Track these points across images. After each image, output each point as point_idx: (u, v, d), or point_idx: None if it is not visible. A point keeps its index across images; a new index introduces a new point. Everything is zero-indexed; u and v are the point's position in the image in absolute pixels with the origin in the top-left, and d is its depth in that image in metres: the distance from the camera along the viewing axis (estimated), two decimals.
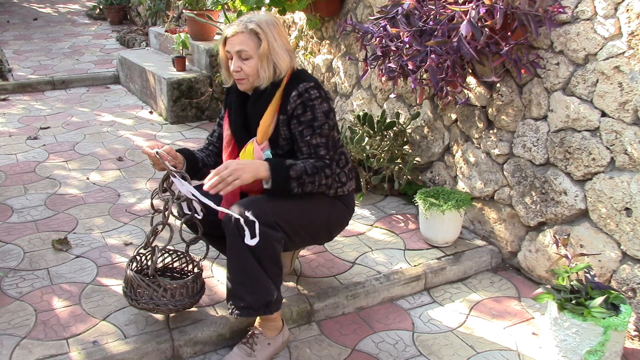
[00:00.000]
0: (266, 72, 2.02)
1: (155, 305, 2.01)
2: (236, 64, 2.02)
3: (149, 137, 4.26)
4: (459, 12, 2.24)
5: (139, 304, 2.02)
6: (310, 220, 2.09)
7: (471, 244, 2.75)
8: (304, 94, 2.01)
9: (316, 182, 1.99)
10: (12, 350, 2.00)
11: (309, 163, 1.99)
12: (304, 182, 1.96)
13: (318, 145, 2.02)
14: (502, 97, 2.57)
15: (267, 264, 1.93)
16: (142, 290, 2.01)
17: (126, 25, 8.05)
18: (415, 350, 2.16)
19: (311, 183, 1.97)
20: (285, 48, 2.04)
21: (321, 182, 2.00)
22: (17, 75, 5.74)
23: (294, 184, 1.94)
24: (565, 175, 2.35)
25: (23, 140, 4.16)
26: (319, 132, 2.01)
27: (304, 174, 1.95)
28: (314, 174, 1.97)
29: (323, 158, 2.02)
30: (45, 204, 3.14)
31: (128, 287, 2.04)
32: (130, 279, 2.03)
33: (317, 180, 1.99)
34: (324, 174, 2.00)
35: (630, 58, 2.04)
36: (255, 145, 2.06)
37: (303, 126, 2.01)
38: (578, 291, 2.06)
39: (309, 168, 1.97)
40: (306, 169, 1.97)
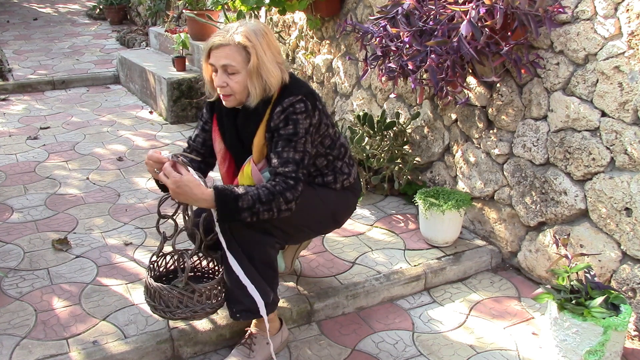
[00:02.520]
0: (256, 89, 1.88)
1: (193, 312, 1.87)
2: (221, 79, 1.87)
3: (149, 137, 4.26)
4: (459, 12, 2.24)
5: (175, 315, 1.87)
6: (314, 217, 2.06)
7: (471, 244, 2.75)
8: (288, 109, 1.87)
9: (274, 209, 1.82)
10: (12, 350, 2.00)
11: (265, 189, 1.82)
12: (258, 211, 1.80)
13: (288, 160, 1.86)
14: (502, 97, 2.57)
15: (262, 268, 1.95)
16: (175, 300, 1.85)
17: (126, 25, 8.05)
18: (415, 350, 2.16)
19: (267, 211, 1.81)
20: (275, 61, 1.89)
21: (280, 207, 1.83)
22: (17, 75, 5.74)
23: (245, 213, 1.80)
24: (565, 175, 2.35)
25: (23, 140, 4.16)
26: (293, 146, 1.87)
27: (256, 202, 1.79)
28: (270, 202, 1.80)
29: (287, 175, 1.85)
30: (45, 204, 3.14)
31: (157, 301, 1.87)
32: (158, 292, 1.86)
33: (275, 206, 1.82)
34: (283, 199, 1.82)
35: (630, 58, 2.04)
36: (253, 166, 1.96)
37: (281, 138, 1.88)
38: (578, 291, 2.06)
39: (264, 195, 1.81)
40: (260, 197, 1.80)
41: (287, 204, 1.83)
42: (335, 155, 2.07)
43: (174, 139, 4.22)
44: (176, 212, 1.95)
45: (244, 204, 1.79)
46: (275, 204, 1.82)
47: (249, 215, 1.80)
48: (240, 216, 1.80)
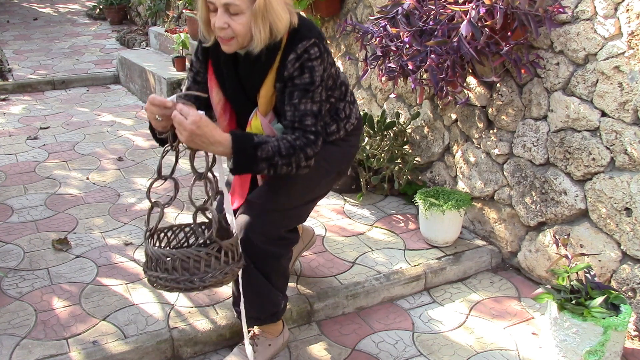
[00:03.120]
0: (261, 34, 1.65)
1: (224, 274, 1.62)
2: (222, 19, 1.64)
3: (149, 137, 4.25)
4: (459, 12, 2.24)
5: (206, 281, 1.58)
6: (322, 185, 1.98)
7: (471, 244, 2.75)
8: (303, 55, 1.69)
9: (293, 165, 1.67)
10: (12, 350, 2.00)
11: (286, 142, 1.66)
12: (277, 164, 1.65)
13: (306, 113, 1.70)
14: (502, 97, 2.57)
15: (274, 277, 1.93)
16: (202, 264, 1.58)
17: (126, 25, 8.05)
18: (415, 350, 2.16)
19: (286, 165, 1.66)
20: (284, 2, 1.67)
21: (300, 163, 1.68)
22: (17, 75, 5.74)
23: (262, 165, 1.64)
24: (565, 175, 2.35)
25: (23, 140, 4.16)
26: (311, 97, 1.70)
27: (276, 154, 1.64)
28: (290, 156, 1.66)
29: (307, 129, 1.70)
30: (45, 204, 3.14)
31: (179, 272, 1.57)
32: (179, 259, 1.56)
33: (294, 162, 1.67)
34: (303, 155, 1.68)
35: (630, 58, 2.04)
36: (262, 119, 1.78)
37: (296, 88, 1.71)
38: (578, 291, 2.06)
39: (284, 148, 1.65)
40: (280, 150, 1.65)
41: (306, 161, 1.70)
42: (337, 96, 1.92)
43: None
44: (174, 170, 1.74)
45: (263, 153, 1.63)
46: (295, 159, 1.67)
47: (267, 167, 1.65)
48: (257, 167, 1.65)
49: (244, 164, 1.64)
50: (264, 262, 1.88)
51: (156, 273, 1.57)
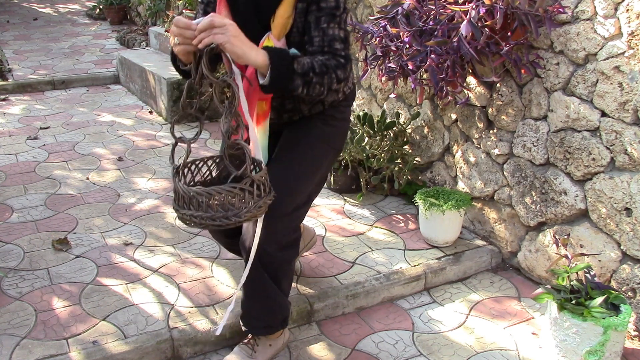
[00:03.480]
0: None
1: (258, 208, 1.58)
2: None
3: (148, 137, 4.26)
4: (459, 12, 2.24)
5: (242, 216, 1.55)
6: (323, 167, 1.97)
7: (471, 244, 2.75)
8: None
9: (325, 85, 1.60)
10: (12, 350, 2.00)
11: (317, 60, 1.60)
12: (311, 81, 1.57)
13: (335, 37, 1.63)
14: (502, 97, 2.57)
15: (284, 282, 1.93)
16: (237, 200, 1.55)
17: (126, 25, 8.05)
18: (415, 350, 2.16)
19: (319, 84, 1.59)
20: None
21: (331, 85, 1.61)
22: (17, 75, 5.74)
23: (298, 80, 1.56)
24: (565, 175, 2.35)
25: (23, 140, 4.16)
26: (338, 22, 1.64)
27: (310, 70, 1.57)
28: (323, 74, 1.59)
29: (337, 54, 1.63)
30: (45, 204, 3.14)
31: (214, 209, 1.54)
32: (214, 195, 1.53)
33: (327, 82, 1.60)
34: (335, 77, 1.61)
35: (630, 58, 2.04)
36: (275, 41, 1.68)
37: (322, 13, 1.63)
38: (578, 291, 2.06)
39: (317, 66, 1.59)
40: (313, 66, 1.58)
41: (337, 83, 1.63)
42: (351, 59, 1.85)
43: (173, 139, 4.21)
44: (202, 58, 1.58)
45: (299, 67, 1.56)
46: (328, 78, 1.60)
47: (302, 83, 1.57)
48: (293, 82, 1.56)
49: (281, 77, 1.55)
50: (278, 269, 1.88)
51: (190, 211, 1.53)
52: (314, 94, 1.60)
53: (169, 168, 3.65)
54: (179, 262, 2.58)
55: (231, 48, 1.48)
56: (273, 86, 1.56)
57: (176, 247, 2.70)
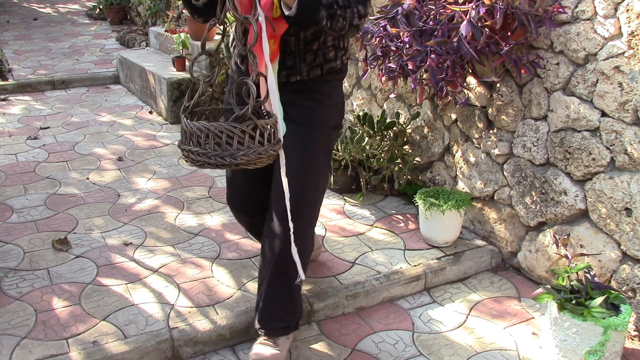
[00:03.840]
0: None
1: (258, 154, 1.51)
2: None
3: (149, 137, 4.26)
4: (459, 12, 2.24)
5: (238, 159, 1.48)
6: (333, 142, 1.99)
7: (471, 244, 2.75)
8: None
9: (347, 19, 1.56)
10: (12, 350, 2.00)
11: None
12: (335, 13, 1.54)
13: None
14: (502, 97, 2.57)
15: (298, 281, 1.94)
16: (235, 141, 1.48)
17: (126, 25, 8.05)
18: (415, 350, 2.16)
19: (342, 18, 1.55)
20: None
21: (353, 20, 1.57)
22: (17, 75, 5.74)
23: (323, 12, 1.52)
24: (565, 175, 2.35)
25: (23, 140, 4.16)
26: None
27: (335, 3, 1.53)
28: (345, 7, 1.55)
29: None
30: (45, 204, 3.14)
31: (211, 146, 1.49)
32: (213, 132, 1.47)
33: (349, 16, 1.56)
34: (357, 11, 1.57)
35: (630, 58, 2.04)
36: None
37: None
38: (578, 291, 2.06)
39: None
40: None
41: (359, 19, 1.59)
42: None
43: (174, 139, 4.22)
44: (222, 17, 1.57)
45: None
46: (350, 12, 1.56)
47: (326, 16, 1.53)
48: (318, 14, 1.52)
49: (308, 8, 1.49)
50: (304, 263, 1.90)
51: (188, 147, 1.50)
52: (336, 28, 1.55)
53: (169, 168, 3.66)
54: (179, 262, 2.58)
55: None
56: (299, 17, 1.50)
57: (176, 247, 2.70)
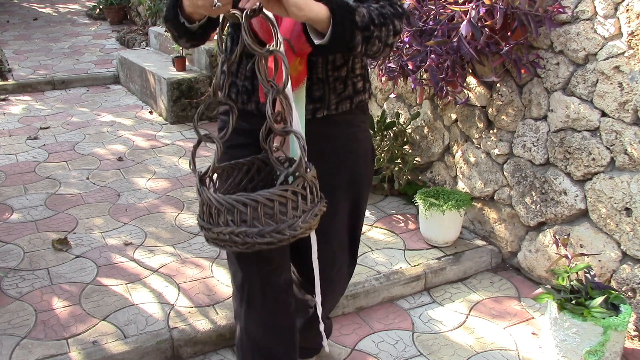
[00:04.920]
0: None
1: (314, 216, 1.24)
2: None
3: (149, 137, 4.26)
4: (459, 12, 2.24)
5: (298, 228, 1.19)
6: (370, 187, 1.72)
7: (471, 244, 2.75)
8: None
9: (382, 40, 1.32)
10: (12, 350, 2.00)
11: (373, 9, 1.31)
12: (371, 35, 1.29)
13: None
14: (502, 97, 2.57)
15: None
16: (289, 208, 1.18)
17: (126, 25, 8.05)
18: (415, 350, 2.16)
19: (378, 39, 1.31)
20: None
21: (388, 40, 1.33)
22: (17, 75, 5.74)
23: (359, 37, 1.27)
24: (565, 175, 2.35)
25: (23, 140, 4.16)
26: None
27: (371, 23, 1.28)
28: (381, 25, 1.30)
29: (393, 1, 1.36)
30: (45, 204, 3.14)
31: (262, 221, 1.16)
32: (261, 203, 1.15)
33: (384, 35, 1.31)
34: (392, 28, 1.32)
35: (630, 58, 2.04)
36: None
37: None
38: (578, 291, 2.06)
39: (375, 15, 1.29)
40: (372, 17, 1.28)
41: (394, 36, 1.35)
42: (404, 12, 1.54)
43: (174, 139, 4.22)
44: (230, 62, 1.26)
45: (359, 19, 1.26)
46: (385, 31, 1.31)
47: (362, 40, 1.28)
48: (354, 40, 1.26)
49: (344, 34, 1.24)
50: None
51: (228, 228, 1.14)
52: (371, 52, 1.33)
53: (169, 168, 3.66)
54: (179, 262, 2.58)
55: (293, 9, 1.16)
56: (332, 46, 1.25)
57: (176, 247, 2.70)
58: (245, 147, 1.45)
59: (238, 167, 1.36)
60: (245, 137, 1.45)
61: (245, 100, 1.48)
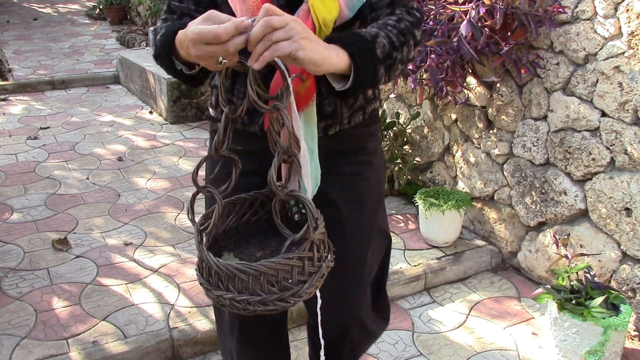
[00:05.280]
0: None
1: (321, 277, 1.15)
2: None
3: (149, 137, 4.26)
4: (459, 12, 2.24)
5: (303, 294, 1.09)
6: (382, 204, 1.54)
7: (471, 244, 2.75)
8: None
9: (404, 60, 1.18)
10: (12, 350, 2.00)
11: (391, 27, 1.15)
12: (394, 63, 1.14)
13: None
14: (502, 97, 2.57)
15: None
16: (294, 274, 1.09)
17: (126, 25, 8.05)
18: (415, 350, 2.16)
19: (400, 62, 1.16)
20: None
21: (409, 56, 1.19)
22: (17, 75, 5.74)
23: (382, 70, 1.13)
24: (565, 175, 2.35)
25: (23, 140, 4.16)
26: None
27: (392, 49, 1.13)
28: (402, 46, 1.15)
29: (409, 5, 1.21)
30: (45, 204, 3.14)
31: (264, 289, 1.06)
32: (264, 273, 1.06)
33: (406, 54, 1.17)
34: (412, 42, 1.18)
35: (630, 58, 2.04)
36: None
37: None
38: (578, 291, 2.06)
39: (395, 36, 1.14)
40: (392, 41, 1.13)
41: (415, 47, 1.21)
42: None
43: (173, 139, 4.22)
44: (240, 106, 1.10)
45: (380, 52, 1.11)
46: (406, 49, 1.17)
47: (384, 71, 1.14)
48: (377, 76, 1.12)
49: (366, 76, 1.10)
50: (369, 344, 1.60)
51: (229, 294, 1.09)
52: (393, 77, 1.21)
53: (169, 168, 3.66)
54: (179, 262, 2.58)
55: (306, 56, 0.98)
56: (354, 90, 1.12)
57: (176, 247, 2.70)
58: (249, 175, 1.27)
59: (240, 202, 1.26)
60: (249, 161, 1.26)
61: (247, 122, 1.31)
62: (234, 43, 0.94)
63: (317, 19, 1.11)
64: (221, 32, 0.93)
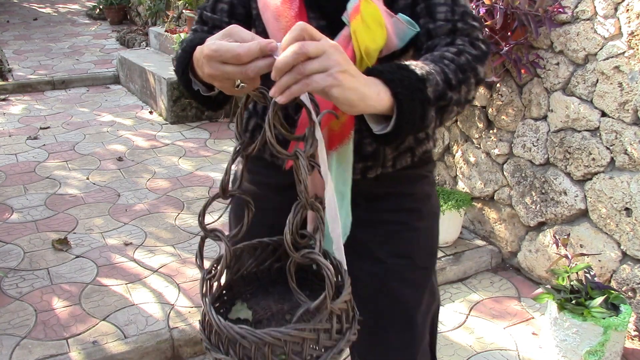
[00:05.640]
0: None
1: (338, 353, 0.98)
2: None
3: (149, 137, 4.26)
4: None
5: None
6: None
7: (471, 244, 2.75)
8: None
9: (462, 101, 0.96)
10: (12, 350, 2.00)
11: (449, 58, 0.95)
12: (449, 103, 0.93)
13: (467, 10, 1.02)
14: (502, 97, 2.57)
15: None
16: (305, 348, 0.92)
17: (126, 25, 8.05)
18: None
19: (457, 104, 0.95)
20: None
21: (468, 96, 0.98)
22: (17, 75, 5.74)
23: (432, 112, 0.91)
24: (565, 175, 2.35)
25: (23, 140, 4.16)
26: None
27: (447, 88, 0.92)
28: (460, 84, 0.94)
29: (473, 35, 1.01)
30: (45, 204, 3.14)
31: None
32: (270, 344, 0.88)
33: (464, 94, 0.96)
34: (474, 80, 0.97)
35: (630, 58, 2.04)
36: (381, 5, 0.97)
37: None
38: (578, 291, 2.06)
39: (452, 72, 0.93)
40: (448, 78, 0.92)
41: (476, 85, 1.00)
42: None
43: (173, 139, 4.22)
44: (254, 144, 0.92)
45: (432, 92, 0.89)
46: (465, 87, 0.96)
47: (436, 113, 0.92)
48: (427, 118, 0.90)
49: (412, 121, 0.88)
50: None
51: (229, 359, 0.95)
52: (446, 121, 0.99)
53: (169, 168, 3.66)
54: (179, 262, 2.58)
55: (342, 95, 0.79)
56: (397, 135, 0.89)
57: (176, 247, 2.70)
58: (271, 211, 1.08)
59: (262, 246, 1.08)
60: (270, 195, 1.13)
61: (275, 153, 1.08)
62: (256, 66, 0.78)
63: (359, 48, 0.93)
64: (242, 52, 0.77)
